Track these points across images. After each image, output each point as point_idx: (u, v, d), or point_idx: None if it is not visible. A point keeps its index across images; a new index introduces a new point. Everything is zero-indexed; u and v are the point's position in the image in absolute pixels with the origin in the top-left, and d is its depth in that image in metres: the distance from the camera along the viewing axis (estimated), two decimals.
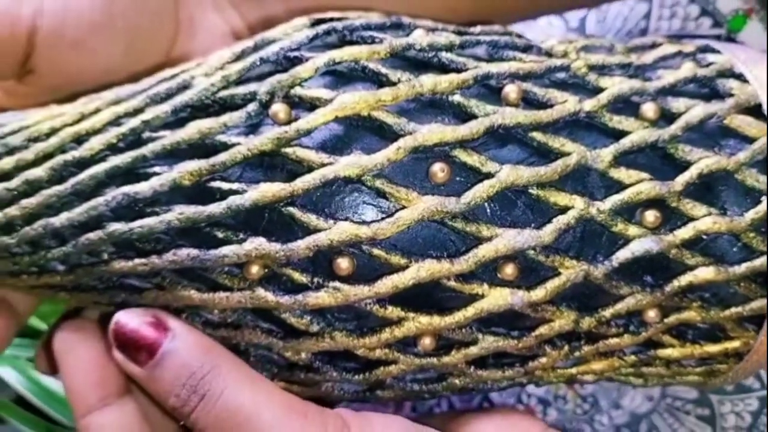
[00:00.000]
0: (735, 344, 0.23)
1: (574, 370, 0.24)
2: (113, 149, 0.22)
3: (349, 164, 0.20)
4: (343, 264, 0.20)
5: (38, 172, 0.22)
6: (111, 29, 0.25)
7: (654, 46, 0.26)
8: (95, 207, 0.21)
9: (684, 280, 0.22)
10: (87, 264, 0.22)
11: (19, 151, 0.23)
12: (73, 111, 0.23)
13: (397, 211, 0.20)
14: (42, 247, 0.22)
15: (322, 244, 0.20)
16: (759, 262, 0.22)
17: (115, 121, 0.22)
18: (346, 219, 0.20)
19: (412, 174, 0.21)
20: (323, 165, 0.20)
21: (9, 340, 0.25)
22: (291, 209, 0.20)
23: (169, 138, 0.21)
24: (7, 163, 0.22)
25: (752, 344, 0.23)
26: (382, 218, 0.20)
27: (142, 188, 0.21)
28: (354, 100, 0.20)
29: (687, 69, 0.23)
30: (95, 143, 0.22)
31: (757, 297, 0.22)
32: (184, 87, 0.22)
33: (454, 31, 0.24)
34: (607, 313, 0.22)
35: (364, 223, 0.20)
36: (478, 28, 0.24)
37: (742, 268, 0.22)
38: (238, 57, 0.23)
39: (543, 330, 0.22)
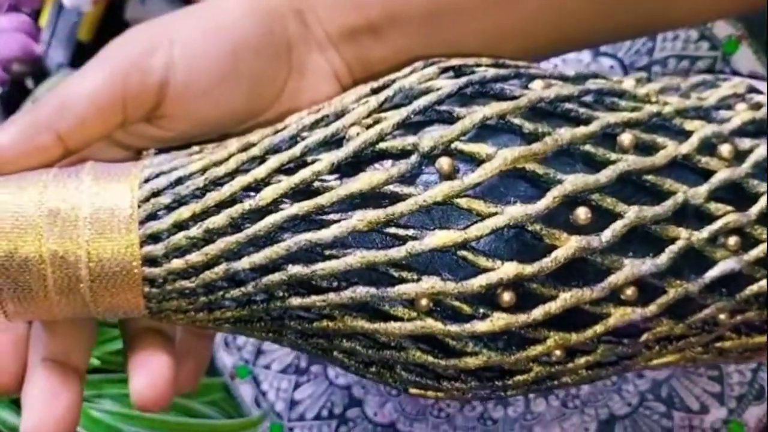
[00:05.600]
0: None
1: (654, 362, 0.29)
2: (285, 197, 0.24)
3: (516, 213, 0.23)
4: (506, 297, 0.24)
5: (217, 220, 0.24)
6: (236, 78, 0.27)
7: (705, 83, 0.30)
8: (277, 252, 0.24)
9: (752, 289, 0.27)
10: (261, 301, 0.24)
11: (192, 201, 0.24)
12: (234, 159, 0.25)
13: (548, 251, 0.24)
14: (219, 288, 0.24)
15: (493, 282, 0.23)
16: None
17: (279, 169, 0.24)
18: (511, 259, 0.24)
19: (557, 218, 0.24)
20: (492, 214, 0.23)
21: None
22: (464, 252, 0.24)
23: (344, 189, 0.24)
24: (184, 212, 0.24)
25: None
26: (538, 258, 0.24)
27: (325, 235, 0.23)
28: (515, 155, 0.24)
29: (748, 112, 0.28)
30: (269, 193, 0.24)
31: None
32: (339, 138, 0.25)
33: (565, 78, 0.27)
34: (694, 319, 0.27)
35: (526, 262, 0.24)
36: (571, 70, 0.28)
37: None
38: (381, 105, 0.25)
39: (646, 336, 0.27)
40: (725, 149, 0.27)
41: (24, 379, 0.26)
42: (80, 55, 0.50)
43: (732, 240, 0.26)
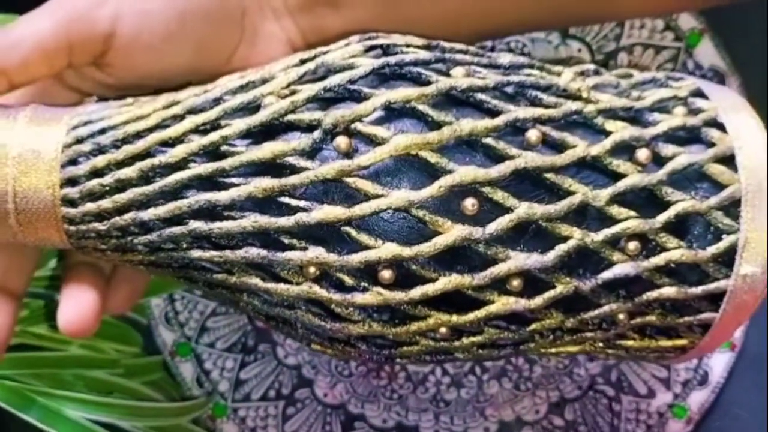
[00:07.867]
0: (683, 342, 0.29)
1: (553, 350, 0.30)
2: (195, 156, 0.26)
3: (399, 198, 0.24)
4: (386, 275, 0.25)
5: (129, 172, 0.26)
6: (182, 37, 0.28)
7: (654, 81, 0.30)
8: (180, 207, 0.26)
9: (651, 295, 0.27)
10: (167, 249, 0.27)
11: (110, 152, 0.26)
12: (155, 115, 0.26)
13: (434, 236, 0.25)
14: (129, 233, 0.26)
15: (371, 260, 0.25)
16: (713, 285, 0.27)
17: (195, 130, 0.26)
18: (393, 240, 0.25)
19: (446, 205, 0.25)
20: (377, 196, 0.25)
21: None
22: (348, 228, 0.25)
23: (246, 155, 0.25)
24: (100, 161, 0.26)
25: (697, 343, 0.29)
26: (422, 242, 0.25)
27: (222, 197, 0.25)
28: (407, 142, 0.25)
29: (679, 117, 0.28)
30: (180, 151, 0.26)
31: (707, 311, 0.28)
32: (255, 105, 0.26)
33: (496, 67, 0.27)
34: (587, 316, 0.28)
35: (407, 244, 0.25)
36: (506, 58, 0.28)
37: (698, 290, 0.27)
38: (301, 78, 0.27)
39: (535, 326, 0.28)
40: (642, 154, 0.27)
41: None
42: None
43: (632, 245, 0.27)
